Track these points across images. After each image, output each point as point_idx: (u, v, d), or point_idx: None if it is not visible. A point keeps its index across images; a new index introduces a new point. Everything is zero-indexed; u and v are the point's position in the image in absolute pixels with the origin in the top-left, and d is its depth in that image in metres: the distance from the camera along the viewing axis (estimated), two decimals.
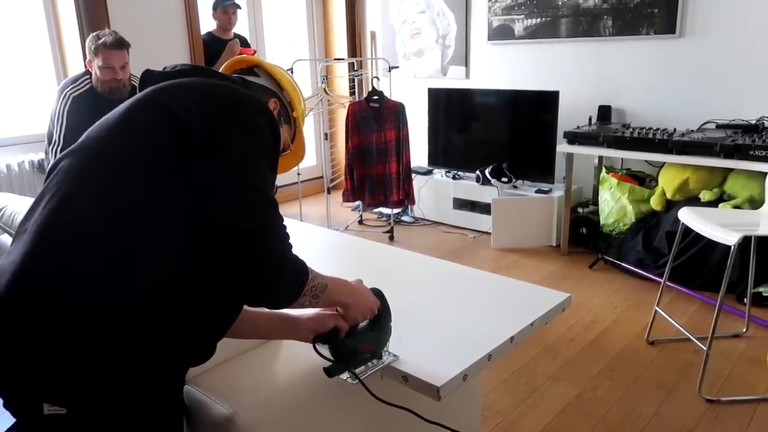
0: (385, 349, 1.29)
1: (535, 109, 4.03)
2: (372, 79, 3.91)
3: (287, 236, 1.02)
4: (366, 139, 3.83)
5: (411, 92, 4.94)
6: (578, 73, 4.07)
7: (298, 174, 4.01)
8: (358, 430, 1.45)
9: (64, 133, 2.66)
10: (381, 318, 1.26)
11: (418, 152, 4.77)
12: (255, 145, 1.02)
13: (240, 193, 0.96)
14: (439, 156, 4.60)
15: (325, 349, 1.22)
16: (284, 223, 1.02)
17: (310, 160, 5.44)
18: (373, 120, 3.82)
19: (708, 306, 2.99)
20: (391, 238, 4.14)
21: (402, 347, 1.33)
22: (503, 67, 4.45)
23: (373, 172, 3.88)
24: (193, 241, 0.94)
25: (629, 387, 2.32)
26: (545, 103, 3.94)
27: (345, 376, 1.25)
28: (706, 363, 2.24)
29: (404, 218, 4.60)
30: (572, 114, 4.01)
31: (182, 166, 0.96)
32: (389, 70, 4.07)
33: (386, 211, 4.52)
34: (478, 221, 4.26)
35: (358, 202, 4.62)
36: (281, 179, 5.06)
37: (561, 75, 4.14)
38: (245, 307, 1.18)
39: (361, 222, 4.55)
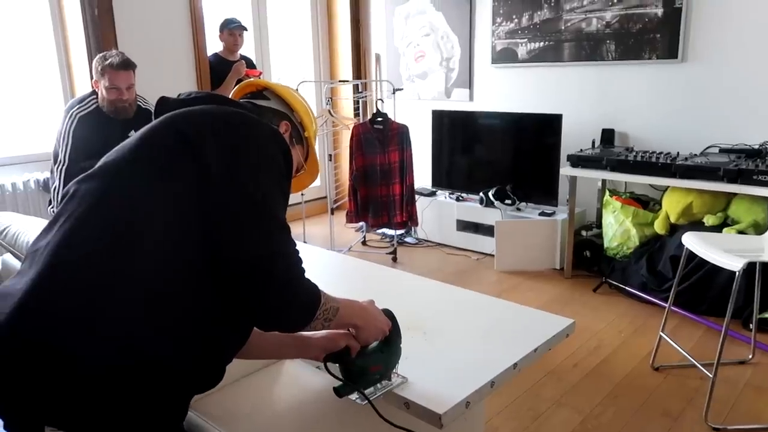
0: (394, 371, 1.28)
1: (538, 132, 4.05)
2: (376, 101, 3.94)
3: (300, 261, 1.02)
4: (370, 161, 3.85)
5: (415, 114, 4.97)
6: (581, 97, 4.09)
7: (302, 194, 4.02)
8: None
9: (69, 152, 2.68)
10: (391, 339, 1.26)
11: (422, 173, 4.79)
12: (268, 172, 1.03)
13: (254, 220, 0.97)
14: (443, 177, 4.61)
15: (335, 369, 1.21)
16: (297, 248, 1.03)
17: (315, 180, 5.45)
18: (377, 142, 3.84)
19: (713, 331, 2.96)
20: (394, 260, 4.13)
21: (404, 372, 1.32)
22: (507, 90, 4.48)
23: (377, 193, 3.89)
24: (208, 270, 0.95)
25: (634, 414, 2.29)
26: (548, 126, 3.96)
27: (354, 396, 1.24)
28: (712, 390, 2.21)
29: (407, 239, 4.60)
30: (575, 137, 4.02)
31: (198, 194, 0.96)
32: (393, 92, 4.10)
33: (390, 232, 4.52)
34: (481, 243, 4.25)
35: (361, 223, 4.63)
36: None
37: (564, 98, 4.16)
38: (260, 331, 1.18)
39: (364, 243, 4.55)
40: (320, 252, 2.22)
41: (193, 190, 0.96)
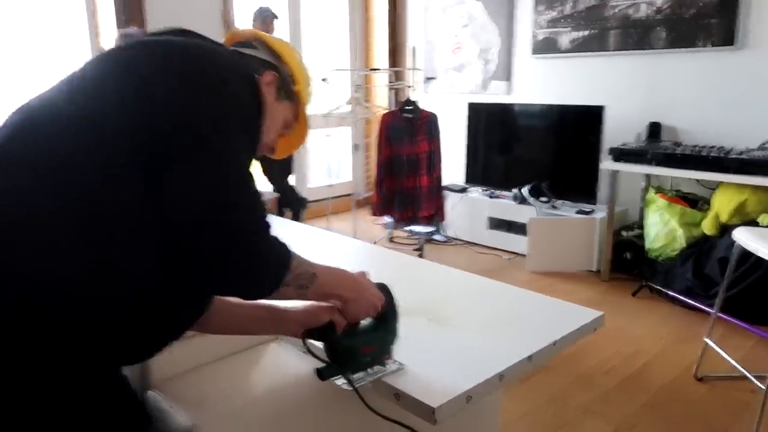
0: (388, 355, 1.12)
1: (579, 126, 3.81)
2: (407, 89, 3.78)
3: (264, 214, 0.87)
4: (397, 151, 3.69)
5: (450, 108, 4.78)
6: (627, 88, 3.83)
7: (330, 185, 3.89)
8: None
9: None
10: (386, 317, 1.09)
11: (454, 169, 4.60)
12: (227, 110, 0.88)
13: (208, 163, 0.81)
14: (476, 173, 4.41)
15: (320, 351, 1.05)
16: (261, 198, 0.87)
17: (345, 175, 5.33)
18: (406, 131, 3.67)
19: (766, 342, 2.67)
20: (421, 256, 3.94)
21: (401, 359, 1.15)
22: (547, 82, 4.25)
23: (403, 186, 3.72)
24: (149, 217, 0.80)
25: (673, 427, 2.04)
26: (590, 118, 3.72)
27: (340, 381, 1.08)
28: (765, 405, 1.95)
29: (436, 237, 4.41)
30: (619, 131, 3.76)
31: (148, 135, 0.81)
32: (426, 81, 3.93)
33: (418, 229, 4.35)
34: (513, 242, 4.03)
35: (389, 219, 4.47)
36: (311, 195, 4.96)
37: (608, 90, 3.91)
38: (229, 301, 1.03)
39: (391, 240, 4.38)
40: (338, 238, 2.07)
41: (141, 131, 0.81)
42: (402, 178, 3.72)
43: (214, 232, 0.80)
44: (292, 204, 4.44)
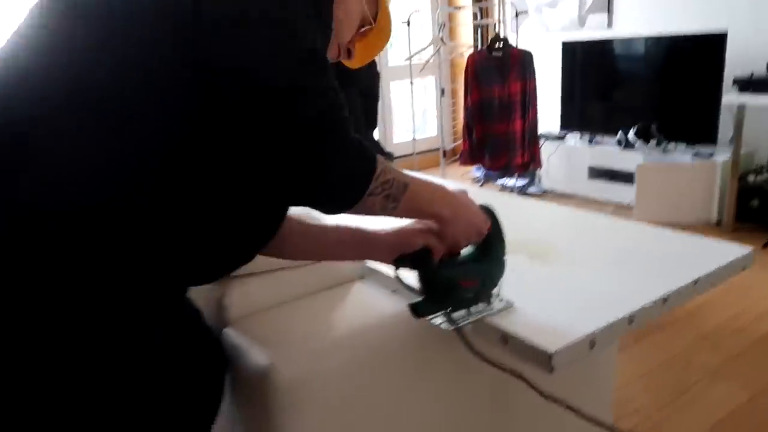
0: (495, 291, 0.96)
1: (695, 56, 3.36)
2: (495, 25, 3.47)
3: (342, 106, 0.71)
4: (487, 94, 3.42)
5: (543, 48, 4.40)
6: (755, 8, 3.31)
7: (414, 138, 3.70)
8: (435, 408, 1.11)
9: None
10: (491, 245, 0.92)
11: (550, 116, 4.25)
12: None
13: (267, 40, 0.66)
14: (574, 119, 4.04)
15: (413, 279, 0.90)
16: (337, 89, 0.71)
17: (431, 130, 5.09)
18: (496, 71, 3.39)
19: None
20: None
21: (516, 300, 0.97)
22: (655, 8, 3.77)
23: (495, 131, 3.46)
24: (202, 107, 0.66)
25: None
26: (708, 47, 3.26)
27: (439, 320, 0.92)
28: None
29: (531, 189, 4.12)
30: (744, 61, 3.27)
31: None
32: (516, 16, 3.60)
33: (510, 182, 4.08)
34: (618, 193, 3.67)
35: (479, 172, 4.22)
36: (398, 151, 4.79)
37: (732, 11, 3.39)
38: (304, 218, 0.89)
39: None
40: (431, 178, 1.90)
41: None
42: (493, 122, 3.46)
43: (282, 123, 0.65)
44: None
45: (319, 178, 0.68)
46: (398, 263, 0.87)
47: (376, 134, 4.60)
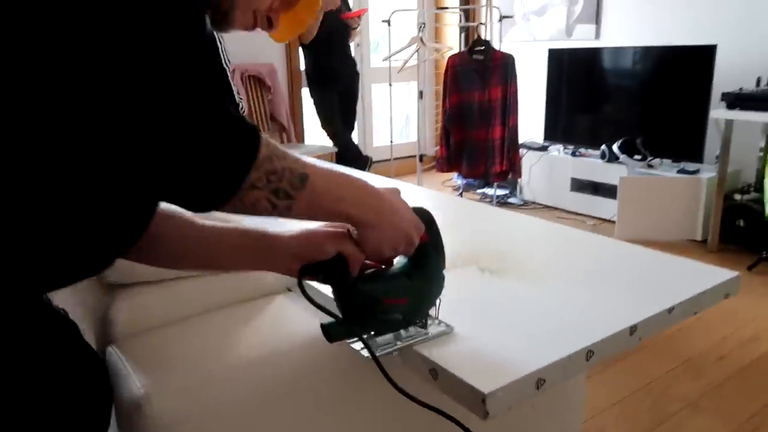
0: (432, 312, 0.80)
1: (683, 69, 3.23)
2: (477, 26, 3.33)
3: (210, 69, 0.55)
4: (467, 98, 3.26)
5: (528, 56, 4.27)
6: (746, 23, 3.19)
7: (391, 142, 3.54)
8: None
9: None
10: (427, 257, 0.75)
11: (533, 126, 4.11)
12: None
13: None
14: (558, 129, 3.91)
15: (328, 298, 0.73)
16: (206, 49, 0.55)
17: (411, 134, 4.94)
18: (476, 75, 3.24)
19: None
20: None
21: (457, 325, 0.80)
22: (645, 21, 3.66)
23: (473, 138, 3.30)
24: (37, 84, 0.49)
25: None
26: (697, 60, 3.14)
27: (359, 346, 0.75)
28: None
29: (511, 200, 3.98)
30: (732, 77, 3.15)
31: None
32: (500, 20, 3.47)
33: (491, 192, 3.93)
34: (600, 206, 3.54)
35: (459, 181, 4.07)
36: (377, 155, 4.62)
37: (721, 26, 3.28)
38: (190, 217, 0.72)
39: None
40: (406, 186, 1.73)
41: None
42: (472, 128, 3.30)
43: (139, 98, 0.48)
44: (355, 162, 4.13)
45: (174, 160, 0.51)
46: (304, 274, 0.70)
47: (356, 137, 4.45)
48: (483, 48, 3.22)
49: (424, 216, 0.74)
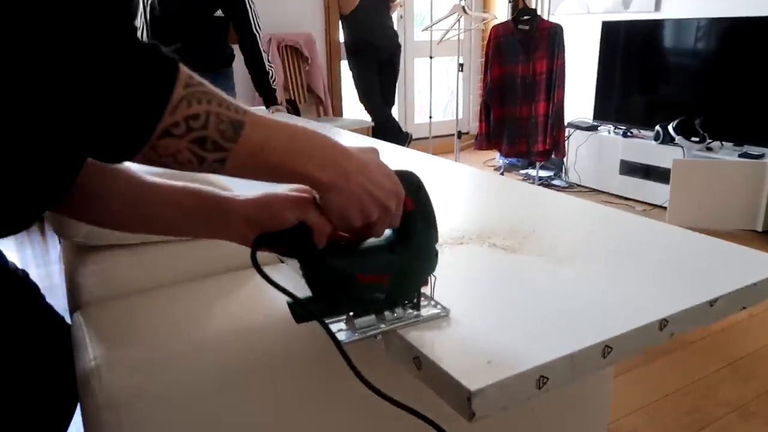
0: (427, 292, 0.70)
1: (750, 44, 2.95)
2: None
3: (128, 7, 0.45)
4: (509, 71, 3.08)
5: (581, 30, 4.02)
6: None
7: (430, 118, 3.39)
8: None
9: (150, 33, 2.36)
10: (413, 228, 0.64)
11: (581, 104, 3.89)
12: None
13: None
14: (609, 108, 3.67)
15: (289, 274, 0.63)
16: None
17: (450, 112, 4.78)
18: (521, 46, 3.05)
19: None
20: None
21: (456, 307, 0.69)
22: None
23: (515, 114, 3.12)
24: None
25: None
26: (766, 33, 2.86)
27: (335, 327, 0.66)
28: None
29: (555, 182, 3.78)
30: None
31: None
32: None
33: (534, 173, 3.75)
34: (651, 191, 3.31)
35: (500, 160, 3.90)
36: (417, 133, 4.48)
37: None
38: (132, 173, 0.63)
39: None
40: (431, 159, 1.63)
41: None
42: (514, 104, 3.12)
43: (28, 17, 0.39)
44: (394, 138, 4.02)
45: (64, 98, 0.41)
46: (259, 245, 0.60)
47: (396, 113, 4.33)
48: (529, 17, 3.02)
49: (410, 180, 0.63)
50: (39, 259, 2.69)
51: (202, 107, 0.46)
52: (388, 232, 0.65)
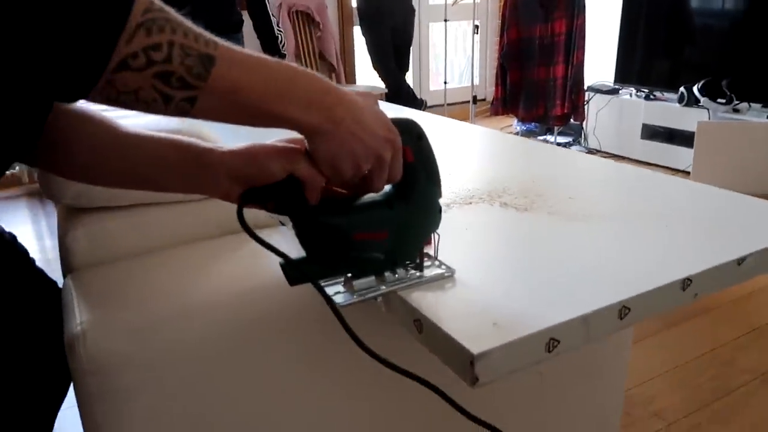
0: (429, 254, 0.65)
1: None
2: None
3: None
4: (526, 32, 2.97)
5: None
6: None
7: (445, 83, 3.30)
8: (333, 410, 0.80)
9: None
10: (414, 181, 0.59)
11: (602, 67, 3.76)
12: None
13: None
14: (631, 71, 3.55)
15: (291, 236, 0.60)
16: None
17: (467, 78, 4.66)
18: (539, 6, 2.93)
19: None
20: None
21: (462, 270, 0.65)
22: None
23: (533, 76, 3.02)
24: None
25: None
26: None
27: (332, 289, 0.62)
28: None
29: (574, 148, 3.68)
30: None
31: None
32: None
33: (552, 138, 3.65)
34: (674, 156, 3.21)
35: (517, 126, 3.80)
36: (432, 100, 4.39)
37: None
38: (108, 122, 0.58)
39: None
40: (444, 121, 1.57)
41: None
42: (532, 66, 3.02)
43: None
44: (409, 104, 3.94)
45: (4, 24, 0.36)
46: (245, 201, 0.56)
47: (410, 79, 4.23)
48: None
49: (409, 128, 0.57)
50: (53, 229, 2.70)
51: (164, 36, 0.41)
52: (388, 187, 0.61)
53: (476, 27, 3.10)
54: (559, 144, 3.61)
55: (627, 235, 0.73)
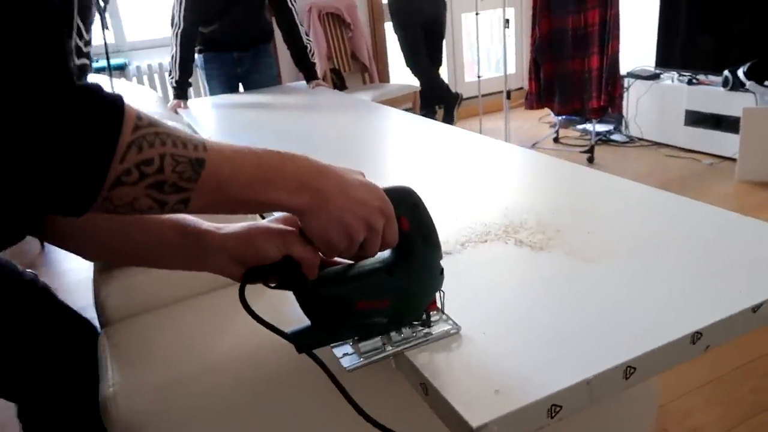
0: (435, 311, 0.66)
1: None
2: None
3: (59, 44, 0.43)
4: (559, 24, 2.90)
5: None
6: None
7: (478, 77, 3.25)
8: None
9: (184, 13, 2.36)
10: (412, 246, 0.60)
11: (642, 52, 3.63)
12: None
13: None
14: (673, 54, 3.41)
15: (284, 305, 0.63)
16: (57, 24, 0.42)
17: (499, 68, 4.58)
18: None
19: None
20: (590, 160, 3.22)
21: (468, 324, 0.66)
22: None
23: (567, 69, 2.95)
24: None
25: None
26: None
27: (340, 351, 0.65)
28: None
29: (614, 137, 3.59)
30: None
31: None
32: None
33: (591, 128, 3.57)
34: (719, 142, 3.09)
35: (555, 117, 3.73)
36: (467, 92, 4.33)
37: None
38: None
39: (556, 140, 3.66)
40: (477, 138, 1.57)
41: None
42: (565, 59, 2.95)
43: None
44: (444, 100, 3.91)
45: (11, 142, 0.39)
46: (247, 280, 0.59)
47: (444, 73, 4.20)
48: None
49: (403, 197, 0.59)
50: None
51: (154, 150, 0.43)
52: (389, 252, 0.62)
53: (507, 21, 3.04)
54: (598, 133, 3.52)
55: (639, 279, 0.73)
